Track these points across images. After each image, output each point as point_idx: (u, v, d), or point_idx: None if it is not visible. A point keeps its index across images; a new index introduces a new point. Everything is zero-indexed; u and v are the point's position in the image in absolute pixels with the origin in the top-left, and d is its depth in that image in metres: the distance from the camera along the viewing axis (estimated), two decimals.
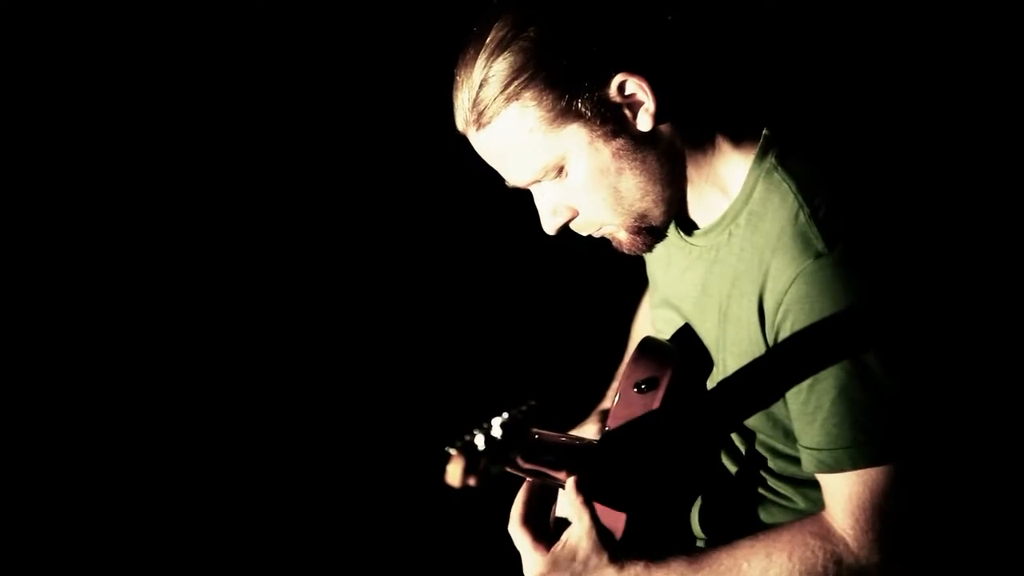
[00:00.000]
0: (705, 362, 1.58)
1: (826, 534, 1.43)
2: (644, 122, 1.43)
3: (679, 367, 1.55)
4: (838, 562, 1.41)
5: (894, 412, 1.39)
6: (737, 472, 1.60)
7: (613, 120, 1.43)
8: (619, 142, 1.43)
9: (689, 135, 1.49)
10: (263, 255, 2.72)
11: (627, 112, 1.43)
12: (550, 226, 1.52)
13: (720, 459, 1.62)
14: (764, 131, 1.50)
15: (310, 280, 2.74)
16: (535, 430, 1.39)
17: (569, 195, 1.48)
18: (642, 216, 1.49)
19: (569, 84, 1.40)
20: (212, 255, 2.69)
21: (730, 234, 1.51)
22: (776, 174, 1.46)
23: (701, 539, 1.64)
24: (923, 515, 1.44)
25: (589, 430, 1.74)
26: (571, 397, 1.82)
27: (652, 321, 1.78)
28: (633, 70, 1.41)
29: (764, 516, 1.57)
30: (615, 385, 1.87)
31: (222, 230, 2.69)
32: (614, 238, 1.54)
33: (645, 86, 1.41)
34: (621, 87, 1.42)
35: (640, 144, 1.45)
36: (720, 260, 1.53)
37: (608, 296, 2.20)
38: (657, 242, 1.54)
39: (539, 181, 1.48)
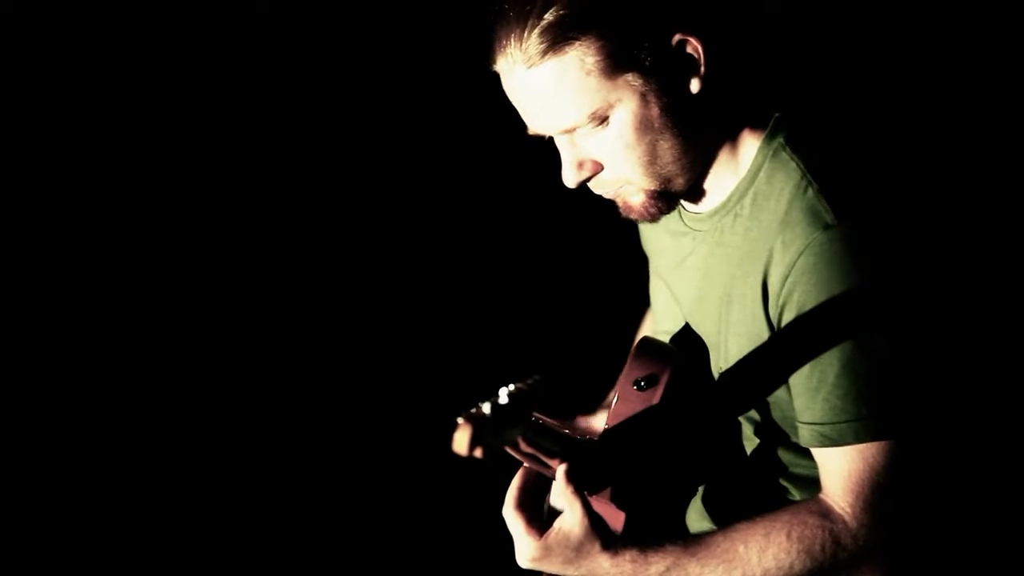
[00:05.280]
0: (707, 358, 1.58)
1: (825, 513, 1.41)
2: (694, 85, 1.44)
3: (679, 365, 1.55)
4: (836, 541, 1.40)
5: (897, 388, 1.39)
6: (735, 467, 1.61)
7: (668, 76, 1.42)
8: (669, 100, 1.43)
9: (719, 110, 1.50)
10: (272, 248, 2.75)
11: (680, 73, 1.43)
12: (573, 180, 1.49)
13: (719, 455, 1.62)
14: (775, 114, 1.51)
15: (320, 273, 2.77)
16: (538, 415, 1.39)
17: (603, 147, 1.45)
18: (667, 180, 1.49)
19: (633, 31, 1.39)
20: (211, 254, 2.72)
21: (735, 216, 1.52)
22: (784, 152, 1.47)
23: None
24: (920, 498, 1.44)
25: (592, 424, 1.75)
26: (573, 396, 1.82)
27: (654, 316, 1.78)
28: (692, 32, 1.42)
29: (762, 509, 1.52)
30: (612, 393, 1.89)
31: (221, 230, 2.72)
32: (625, 202, 1.53)
33: (701, 49, 1.42)
34: (680, 45, 1.42)
35: (685, 107, 1.45)
36: (724, 243, 1.53)
37: (615, 296, 2.20)
38: (666, 213, 1.54)
39: (576, 129, 1.44)
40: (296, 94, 2.70)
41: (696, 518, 1.64)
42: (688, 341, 1.61)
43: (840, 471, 1.41)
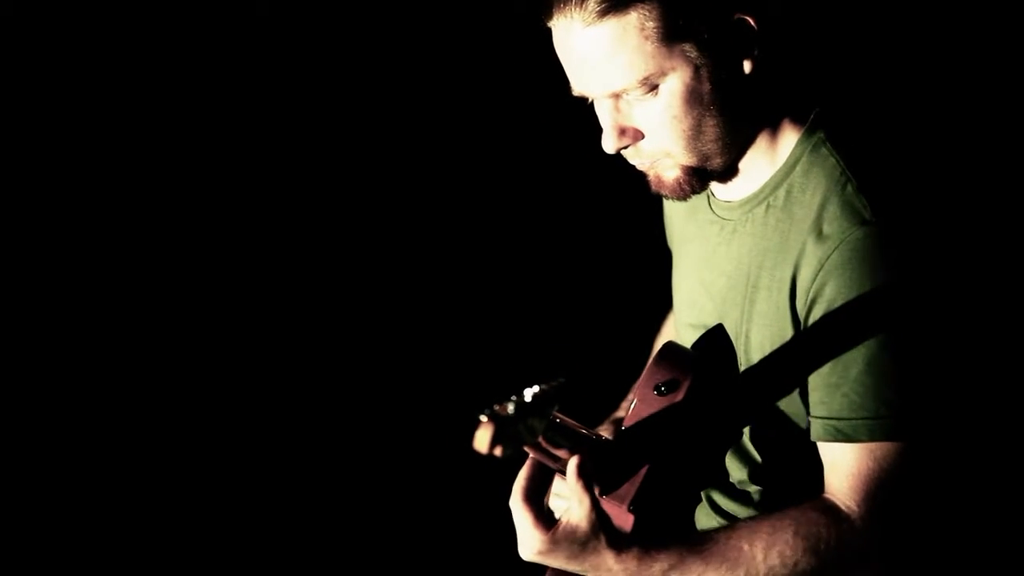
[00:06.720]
0: (730, 364, 1.57)
1: (831, 511, 1.41)
2: (747, 67, 1.45)
3: (701, 371, 1.53)
4: (841, 540, 1.40)
5: (918, 391, 1.40)
6: (749, 469, 1.60)
7: (723, 53, 1.43)
8: (721, 77, 1.44)
9: (764, 97, 1.50)
10: (284, 249, 2.77)
11: (735, 51, 1.45)
12: (612, 146, 1.49)
13: (734, 457, 1.62)
14: (816, 109, 1.53)
15: (345, 275, 2.80)
16: (556, 414, 1.37)
17: (649, 116, 1.45)
18: (706, 158, 1.49)
19: (696, 2, 1.41)
20: (211, 255, 2.73)
21: (768, 206, 1.53)
22: (824, 148, 1.49)
23: None
24: (926, 501, 1.44)
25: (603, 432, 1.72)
26: (589, 402, 1.77)
27: (676, 308, 1.76)
28: (751, 13, 1.43)
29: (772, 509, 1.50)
30: (630, 396, 1.85)
31: (229, 231, 2.73)
32: (658, 176, 1.52)
33: (757, 32, 1.44)
34: (739, 24, 1.43)
35: (735, 87, 1.46)
36: (754, 233, 1.54)
37: (637, 300, 2.20)
38: (698, 192, 1.53)
39: (625, 93, 1.44)
40: (296, 95, 2.71)
41: (705, 518, 1.65)
42: (712, 335, 1.61)
43: (849, 469, 1.42)
